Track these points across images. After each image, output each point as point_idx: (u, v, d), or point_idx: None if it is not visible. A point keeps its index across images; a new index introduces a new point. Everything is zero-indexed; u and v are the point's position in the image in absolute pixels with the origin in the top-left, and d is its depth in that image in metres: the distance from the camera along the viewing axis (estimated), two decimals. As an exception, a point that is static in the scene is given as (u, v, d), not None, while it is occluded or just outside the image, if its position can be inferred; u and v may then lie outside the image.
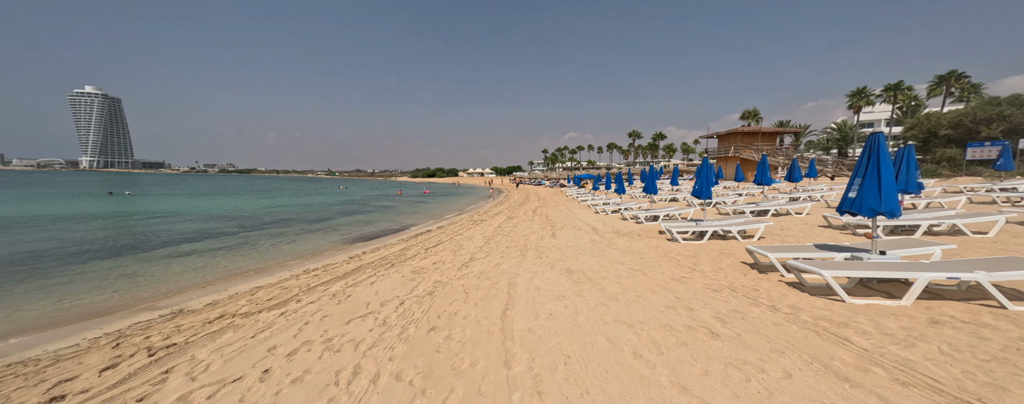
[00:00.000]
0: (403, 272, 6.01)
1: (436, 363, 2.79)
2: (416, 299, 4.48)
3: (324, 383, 2.57)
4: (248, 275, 6.95)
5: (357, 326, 3.70)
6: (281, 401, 2.37)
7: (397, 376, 2.61)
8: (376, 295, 4.76)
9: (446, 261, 6.72)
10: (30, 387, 2.81)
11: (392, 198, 31.58)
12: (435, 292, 4.72)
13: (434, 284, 5.13)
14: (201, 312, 4.64)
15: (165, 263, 7.73)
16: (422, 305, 4.23)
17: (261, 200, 26.79)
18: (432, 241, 9.52)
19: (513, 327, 3.39)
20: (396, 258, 7.40)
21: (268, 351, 3.20)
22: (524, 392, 2.30)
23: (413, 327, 3.56)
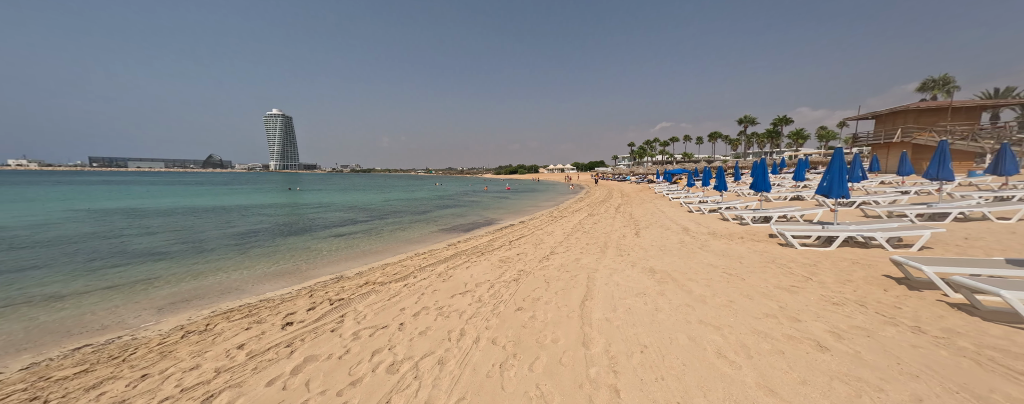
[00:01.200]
0: (491, 260, 6.83)
1: (523, 336, 3.30)
2: (504, 284, 5.14)
3: (441, 337, 3.36)
4: (378, 254, 8.88)
5: (459, 300, 4.53)
6: (415, 345, 3.24)
7: (493, 341, 3.22)
8: (471, 277, 5.63)
9: (528, 253, 7.30)
10: (272, 318, 4.44)
11: (479, 194, 34.41)
12: (520, 279, 5.31)
13: (518, 272, 5.73)
14: (353, 279, 6.29)
15: (326, 241, 10.46)
16: (509, 289, 4.85)
17: (380, 195, 32.66)
18: (515, 234, 10.30)
19: (591, 316, 3.66)
20: (485, 248, 8.36)
21: (400, 311, 4.25)
22: (600, 368, 2.59)
23: (503, 306, 4.18)
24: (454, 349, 3.09)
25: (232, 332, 3.83)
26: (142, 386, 2.74)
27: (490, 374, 2.64)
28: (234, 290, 5.96)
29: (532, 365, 2.74)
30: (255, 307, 4.78)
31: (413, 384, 2.56)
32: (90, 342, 3.86)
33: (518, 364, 2.76)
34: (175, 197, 25.73)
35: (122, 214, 15.77)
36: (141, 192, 30.67)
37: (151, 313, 4.89)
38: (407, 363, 2.89)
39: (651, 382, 2.38)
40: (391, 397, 2.41)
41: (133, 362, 3.23)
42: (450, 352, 3.05)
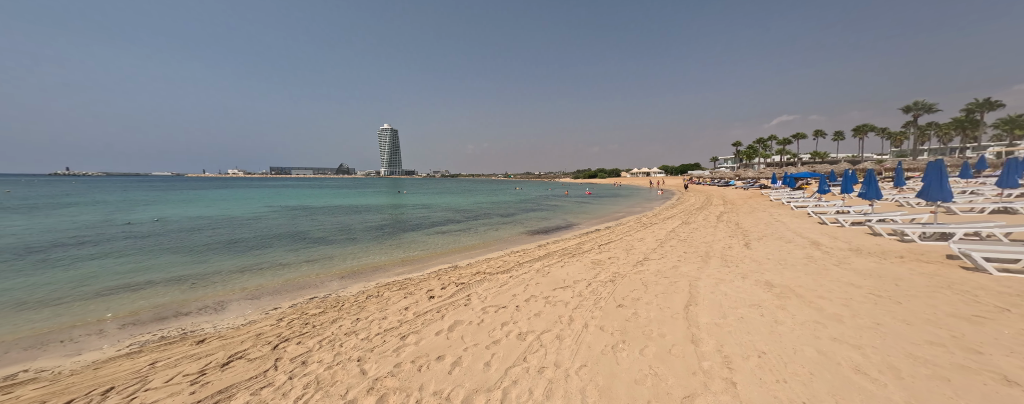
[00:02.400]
0: (584, 262, 7.19)
1: (628, 328, 3.62)
2: (600, 283, 5.47)
3: (553, 320, 3.95)
4: (478, 249, 10.16)
5: (561, 293, 5.07)
6: (533, 323, 3.90)
7: (601, 328, 3.64)
8: (568, 275, 6.12)
9: (620, 258, 7.40)
10: (419, 291, 5.75)
11: (560, 198, 34.76)
12: (615, 281, 5.56)
13: (613, 275, 5.97)
14: (465, 268, 7.48)
15: (435, 237, 12.39)
16: (606, 288, 5.17)
17: (469, 198, 36.03)
18: (603, 239, 10.38)
19: (698, 320, 3.74)
20: (575, 250, 8.75)
21: (512, 296, 5.03)
22: (713, 363, 2.77)
23: (603, 302, 4.54)
24: (567, 330, 3.63)
25: (396, 299, 5.18)
26: (360, 325, 4.09)
27: (604, 352, 3.08)
28: (382, 269, 7.78)
29: (642, 351, 3.07)
30: (403, 283, 6.24)
31: (540, 350, 3.18)
32: (314, 295, 5.75)
33: (628, 349, 3.13)
34: (325, 198, 33.38)
35: (298, 210, 21.43)
36: (304, 194, 40.66)
37: (338, 281, 6.85)
38: (531, 335, 3.55)
39: (771, 382, 2.46)
40: (526, 356, 3.08)
41: (346, 310, 4.75)
42: (564, 331, 3.60)
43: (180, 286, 6.50)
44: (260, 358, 3.34)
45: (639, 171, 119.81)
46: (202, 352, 3.59)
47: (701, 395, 2.37)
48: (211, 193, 36.90)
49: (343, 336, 3.80)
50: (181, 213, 18.49)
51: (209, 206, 22.63)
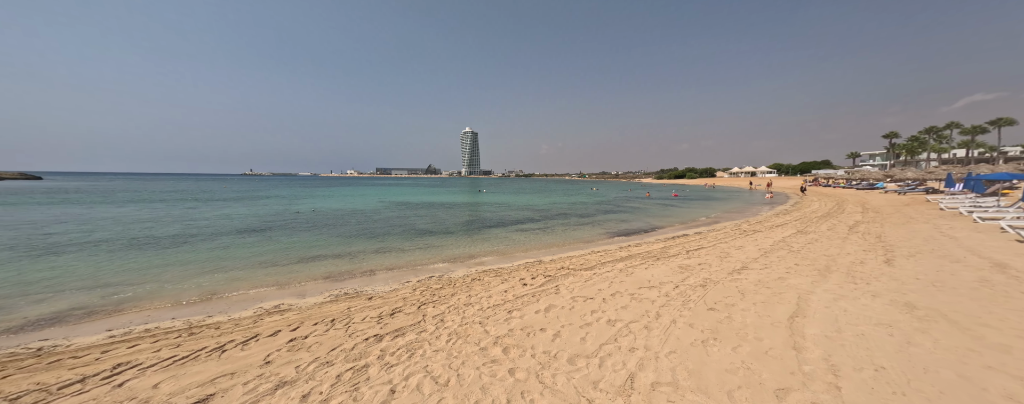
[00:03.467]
0: (670, 265, 7.11)
1: (721, 329, 3.74)
2: (689, 287, 5.47)
3: (640, 313, 4.29)
4: (558, 247, 10.75)
5: (646, 292, 5.30)
6: (620, 314, 4.33)
7: (690, 325, 3.86)
8: (652, 276, 6.23)
9: (712, 264, 7.06)
10: (512, 279, 6.67)
11: (641, 200, 32.78)
12: (706, 286, 5.48)
13: (704, 280, 5.85)
14: (548, 263, 8.17)
15: (516, 233, 13.45)
16: (696, 292, 5.18)
17: (544, 197, 36.86)
18: (692, 244, 9.81)
19: (803, 331, 3.61)
20: (660, 253, 8.59)
21: (598, 290, 5.49)
22: (815, 367, 2.80)
23: (693, 304, 4.64)
24: (654, 323, 3.95)
25: (495, 283, 6.18)
26: (472, 299, 5.15)
27: (693, 344, 3.35)
28: (476, 258, 9.05)
29: (735, 349, 3.23)
30: (498, 271, 7.27)
31: (629, 335, 3.62)
32: (432, 275, 7.21)
33: (719, 346, 3.32)
34: (420, 195, 38.44)
35: (402, 206, 25.41)
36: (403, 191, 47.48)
37: (444, 264, 8.31)
38: (619, 323, 3.99)
39: (887, 394, 2.43)
40: (617, 338, 3.56)
41: (458, 288, 5.94)
42: (652, 324, 3.94)
43: (342, 260, 8.83)
44: (412, 313, 4.60)
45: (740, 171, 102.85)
46: (373, 305, 5.09)
47: (797, 390, 2.50)
48: (340, 190, 46.13)
49: (462, 306, 4.87)
50: (326, 205, 23.93)
51: (341, 201, 28.57)
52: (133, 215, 17.03)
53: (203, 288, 6.40)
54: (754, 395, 2.49)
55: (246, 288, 6.42)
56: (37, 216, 16.00)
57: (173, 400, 2.65)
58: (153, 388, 2.84)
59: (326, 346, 3.62)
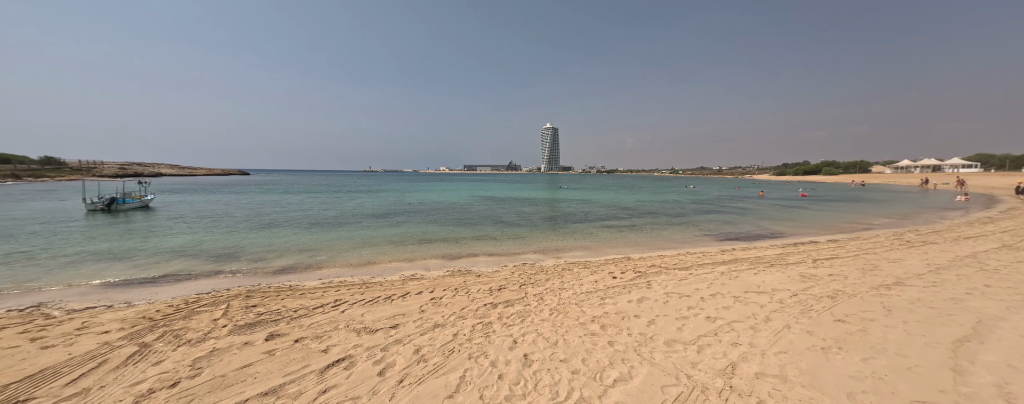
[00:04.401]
0: (788, 273, 6.32)
1: (849, 340, 3.42)
2: (812, 297, 4.90)
3: (745, 315, 4.17)
4: (645, 246, 10.43)
5: (755, 297, 4.98)
6: (721, 313, 4.29)
7: (808, 332, 3.62)
8: (763, 282, 5.72)
9: (849, 276, 6.00)
10: (601, 271, 6.99)
11: (751, 200, 28.03)
12: (837, 298, 4.81)
13: (834, 291, 5.11)
14: (637, 261, 8.13)
15: (601, 230, 13.43)
16: (821, 303, 4.63)
17: (630, 195, 34.84)
18: (822, 253, 8.30)
19: (974, 356, 3.03)
20: (775, 260, 7.61)
21: (694, 289, 5.39)
22: (979, 391, 2.44)
23: (814, 314, 4.22)
24: (763, 326, 3.83)
25: (584, 274, 6.62)
26: (565, 285, 5.74)
27: (810, 349, 3.21)
28: (562, 251, 9.57)
29: (866, 360, 2.99)
30: (586, 264, 7.68)
31: (732, 333, 3.65)
32: (524, 261, 8.08)
33: (845, 355, 3.10)
34: (504, 190, 40.87)
35: (489, 200, 27.64)
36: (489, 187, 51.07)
37: (533, 254, 9.10)
38: (720, 320, 4.00)
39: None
40: (717, 333, 3.64)
41: (550, 274, 6.60)
42: (760, 326, 3.83)
43: (449, 244, 10.52)
44: (516, 291, 5.45)
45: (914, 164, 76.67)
46: (482, 281, 6.16)
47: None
48: (437, 185, 52.51)
49: (557, 290, 5.49)
50: (428, 198, 27.84)
51: (439, 194, 32.71)
52: (307, 202, 23.13)
53: (362, 257, 8.65)
54: (880, 401, 2.38)
55: (387, 260, 8.40)
56: (256, 201, 23.33)
57: (376, 323, 4.01)
58: (361, 315, 4.30)
59: (457, 306, 4.71)
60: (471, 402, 2.45)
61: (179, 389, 2.58)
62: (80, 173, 59.95)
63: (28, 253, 8.59)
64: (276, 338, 3.53)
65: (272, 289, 5.69)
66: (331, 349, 3.28)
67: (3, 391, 2.53)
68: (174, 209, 17.94)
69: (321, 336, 3.60)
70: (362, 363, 3.02)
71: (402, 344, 3.42)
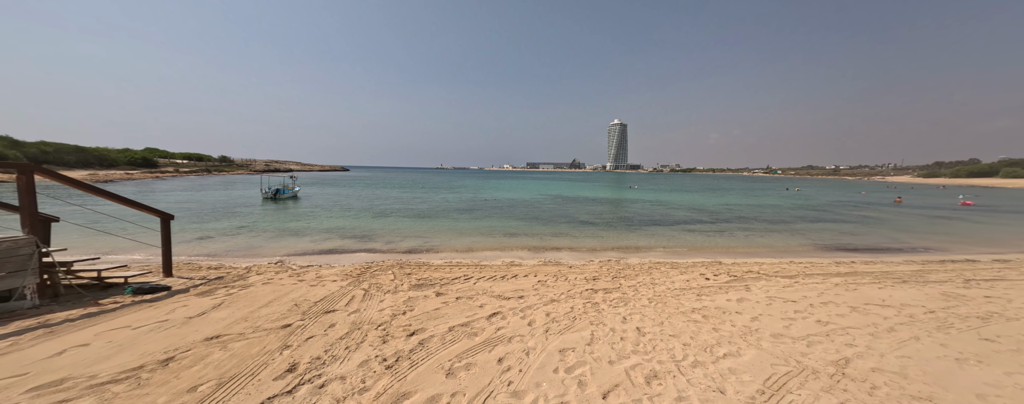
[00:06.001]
0: (927, 291, 5.67)
1: (993, 357, 3.27)
2: (954, 315, 4.48)
3: (865, 323, 4.14)
4: (737, 252, 9.92)
5: (876, 309, 4.74)
6: (834, 319, 4.32)
7: (941, 345, 3.53)
8: (889, 296, 5.31)
9: (1014, 299, 5.14)
10: (691, 272, 7.15)
11: (883, 207, 23.15)
12: (990, 319, 4.33)
13: (988, 313, 4.56)
14: (731, 266, 7.95)
15: (684, 234, 12.99)
16: (967, 323, 4.24)
17: (713, 198, 31.71)
18: (981, 274, 6.98)
19: None
20: (909, 276, 6.73)
21: (802, 296, 5.32)
22: None
23: (954, 330, 3.96)
24: (884, 334, 3.82)
25: (673, 274, 6.90)
26: (656, 280, 6.18)
27: (941, 358, 3.21)
28: (644, 250, 9.77)
29: (1009, 373, 2.93)
30: (673, 264, 7.87)
31: (845, 335, 3.76)
32: (609, 258, 8.62)
33: (983, 368, 3.05)
34: (570, 189, 40.90)
35: (558, 198, 28.22)
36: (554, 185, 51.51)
37: (614, 252, 9.53)
38: (833, 325, 4.08)
39: None
40: (829, 334, 3.80)
41: (639, 271, 7.05)
42: (880, 334, 3.83)
43: (532, 237, 11.58)
44: (610, 281, 6.12)
45: None
46: (574, 271, 6.96)
47: None
48: (505, 182, 55.02)
49: (650, 284, 5.97)
50: (501, 195, 29.72)
51: (509, 191, 34.51)
52: (403, 197, 26.99)
53: (464, 244, 10.26)
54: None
55: (483, 248, 9.81)
56: (364, 194, 28.15)
57: (505, 293, 5.15)
58: (490, 286, 5.50)
59: (562, 288, 5.60)
60: (604, 351, 3.28)
61: (408, 316, 3.99)
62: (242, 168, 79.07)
63: (247, 226, 12.37)
64: (442, 296, 4.90)
65: (412, 263, 7.42)
66: (485, 306, 4.47)
67: (314, 306, 4.27)
68: (313, 199, 22.92)
69: (472, 297, 4.85)
70: (511, 317, 4.11)
71: (533, 309, 4.44)
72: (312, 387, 2.35)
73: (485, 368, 2.84)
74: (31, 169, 3.46)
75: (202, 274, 5.76)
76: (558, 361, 3.03)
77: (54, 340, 2.88)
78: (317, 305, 4.29)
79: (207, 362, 2.61)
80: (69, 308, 3.71)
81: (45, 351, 2.73)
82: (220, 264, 6.90)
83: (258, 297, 4.51)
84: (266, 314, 3.89)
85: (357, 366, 2.71)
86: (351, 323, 3.68)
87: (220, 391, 2.26)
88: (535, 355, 3.14)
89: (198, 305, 4.08)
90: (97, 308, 3.70)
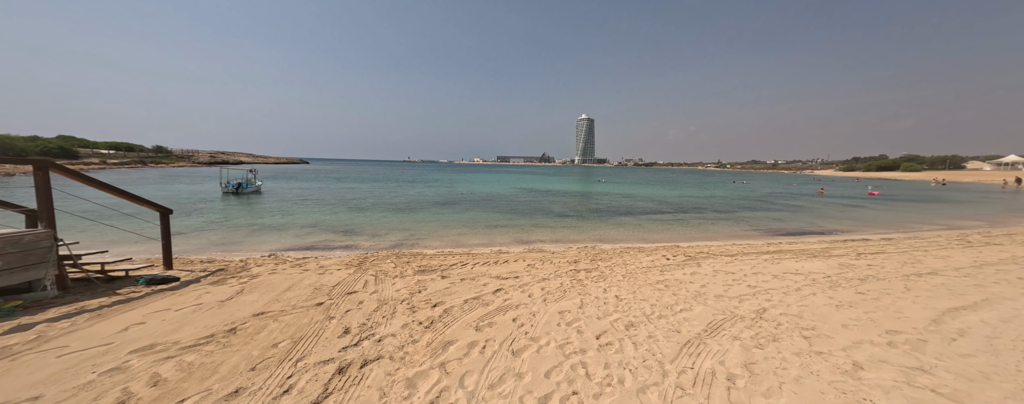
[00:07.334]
0: (829, 262, 7.25)
1: (861, 302, 4.59)
2: (843, 279, 5.93)
3: (780, 287, 5.41)
4: (691, 237, 11.46)
5: (791, 277, 6.10)
6: (760, 284, 5.56)
7: (829, 298, 4.83)
8: (801, 267, 6.77)
9: (886, 266, 6.83)
10: (655, 254, 8.35)
11: (808, 198, 26.81)
12: (866, 281, 5.81)
13: (865, 275, 6.09)
14: (688, 248, 9.31)
15: (648, 223, 14.49)
16: (850, 283, 5.67)
17: (672, 190, 34.55)
18: (870, 249, 8.89)
19: (959, 315, 4.11)
20: (818, 252, 8.42)
21: (739, 269, 6.62)
22: (947, 330, 3.63)
23: (840, 288, 5.32)
24: (793, 293, 5.08)
25: (640, 256, 8.03)
26: (627, 260, 7.24)
27: (825, 306, 4.46)
28: (613, 240, 10.99)
29: (867, 312, 4.21)
30: (640, 249, 9.06)
31: (766, 295, 4.96)
32: (585, 245, 9.65)
33: (852, 310, 4.32)
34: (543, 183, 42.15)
35: (532, 192, 29.26)
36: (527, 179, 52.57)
37: (592, 241, 10.63)
38: (758, 288, 5.30)
39: (976, 358, 3.23)
40: (755, 294, 4.98)
41: (613, 254, 8.10)
42: (790, 292, 5.09)
43: (514, 229, 12.37)
44: (589, 263, 7.07)
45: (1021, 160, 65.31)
46: (557, 257, 7.84)
47: (906, 333, 3.53)
48: (478, 176, 55.20)
49: (622, 264, 7.00)
50: (476, 189, 30.15)
51: (485, 185, 34.99)
52: (376, 190, 26.46)
53: (450, 237, 10.78)
54: (863, 329, 3.67)
55: (470, 239, 10.43)
56: (333, 187, 27.19)
57: (502, 274, 5.87)
58: (486, 270, 6.19)
59: (549, 270, 6.44)
60: (593, 311, 4.14)
61: (425, 294, 4.57)
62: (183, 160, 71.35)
63: (217, 222, 11.86)
64: (447, 279, 5.51)
65: (408, 253, 7.88)
66: (487, 284, 5.17)
67: (334, 289, 4.70)
68: (279, 194, 21.85)
69: (474, 278, 5.52)
70: (513, 291, 4.85)
71: (529, 286, 5.22)
72: (372, 341, 2.91)
73: (504, 325, 3.56)
74: (47, 164, 3.48)
75: (201, 267, 5.84)
76: (559, 319, 3.83)
77: (107, 320, 3.11)
78: (336, 288, 4.73)
79: (270, 330, 3.05)
80: (90, 298, 3.83)
81: (110, 328, 2.97)
82: (211, 259, 6.89)
83: (275, 284, 4.83)
84: (292, 296, 4.28)
85: (400, 327, 3.30)
86: (377, 300, 4.21)
87: (299, 345, 2.75)
88: (540, 316, 3.92)
89: (221, 292, 4.34)
90: (121, 296, 3.86)
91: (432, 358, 2.71)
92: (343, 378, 2.32)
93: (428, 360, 2.66)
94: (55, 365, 2.33)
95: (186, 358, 2.47)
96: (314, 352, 2.69)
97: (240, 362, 2.46)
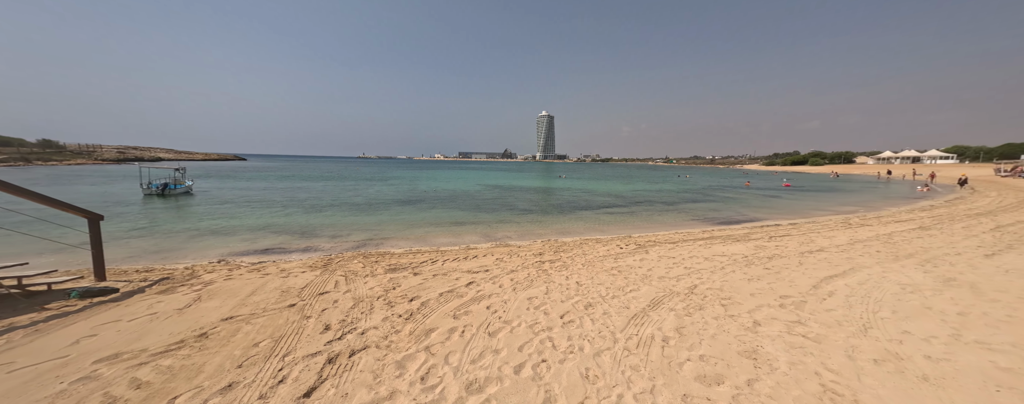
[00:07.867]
0: (747, 245, 8.64)
1: (765, 275, 5.68)
2: (756, 258, 7.18)
3: (709, 267, 6.44)
4: (642, 228, 12.73)
5: (719, 259, 7.23)
6: (694, 265, 6.55)
7: (744, 274, 5.89)
8: (727, 250, 8.01)
9: (788, 246, 8.34)
10: (610, 244, 9.23)
11: (737, 190, 30.56)
12: (773, 259, 7.11)
13: (772, 255, 7.43)
14: (639, 238, 10.38)
15: (604, 216, 15.69)
16: (761, 262, 6.91)
17: (626, 185, 37.11)
18: (779, 233, 10.66)
19: (831, 280, 5.31)
20: (741, 237, 9.94)
21: (678, 254, 7.64)
22: (818, 290, 4.73)
23: (753, 267, 6.48)
24: (718, 271, 6.09)
25: (597, 247, 8.83)
26: (586, 251, 7.96)
27: (740, 280, 5.48)
28: (574, 232, 11.82)
29: (770, 283, 5.25)
30: (597, 240, 9.92)
31: (697, 275, 5.90)
32: (549, 238, 10.28)
33: (758, 282, 5.36)
34: (506, 179, 42.72)
35: (496, 188, 29.65)
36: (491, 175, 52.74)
37: (554, 234, 11.33)
38: (693, 270, 6.25)
39: (857, 313, 4.33)
40: (689, 275, 5.90)
41: (573, 247, 8.80)
42: (716, 271, 6.10)
43: (480, 225, 12.67)
44: (552, 255, 7.65)
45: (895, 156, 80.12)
46: (523, 250, 8.34)
47: (793, 297, 4.57)
48: (440, 173, 54.09)
49: (582, 255, 7.69)
50: (439, 186, 29.75)
51: (448, 182, 34.59)
52: (330, 189, 24.93)
53: (416, 235, 10.78)
54: (764, 296, 4.65)
55: (436, 237, 10.55)
56: (280, 186, 25.07)
57: (472, 268, 6.18)
58: (457, 265, 6.46)
59: (516, 263, 6.89)
60: (557, 296, 4.65)
61: (399, 290, 4.73)
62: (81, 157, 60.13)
63: (145, 228, 10.54)
64: (419, 275, 5.69)
65: (375, 253, 7.83)
66: (460, 279, 5.46)
67: (303, 290, 4.66)
68: (215, 195, 19.70)
69: (446, 274, 5.77)
70: (484, 283, 5.20)
71: (499, 278, 5.61)
72: (355, 334, 3.08)
73: (479, 312, 3.91)
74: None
75: (140, 276, 5.34)
76: (528, 304, 4.28)
77: (48, 335, 2.85)
78: (305, 290, 4.70)
79: (246, 332, 3.05)
80: (13, 315, 3.41)
81: (57, 342, 2.73)
82: (149, 267, 6.26)
83: (236, 290, 4.65)
84: (259, 300, 4.20)
85: (381, 320, 3.48)
86: (352, 298, 4.30)
87: (281, 343, 2.83)
88: (511, 303, 4.33)
89: (174, 301, 4.10)
90: (54, 311, 3.49)
91: (416, 344, 2.97)
92: (335, 366, 2.50)
93: (413, 345, 2.92)
94: (9, 381, 2.17)
95: (163, 363, 2.45)
96: (299, 347, 2.81)
97: (224, 361, 2.50)
